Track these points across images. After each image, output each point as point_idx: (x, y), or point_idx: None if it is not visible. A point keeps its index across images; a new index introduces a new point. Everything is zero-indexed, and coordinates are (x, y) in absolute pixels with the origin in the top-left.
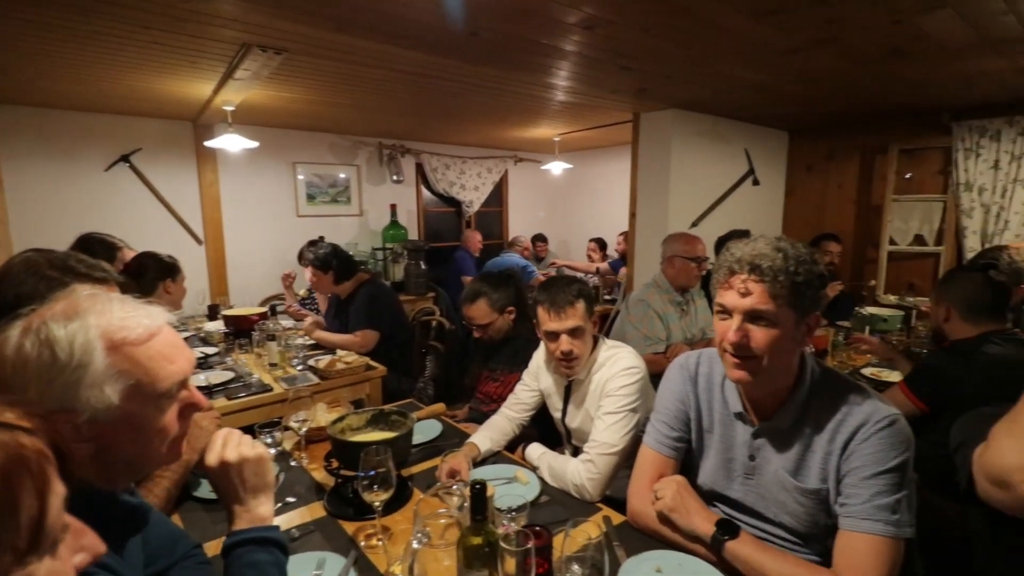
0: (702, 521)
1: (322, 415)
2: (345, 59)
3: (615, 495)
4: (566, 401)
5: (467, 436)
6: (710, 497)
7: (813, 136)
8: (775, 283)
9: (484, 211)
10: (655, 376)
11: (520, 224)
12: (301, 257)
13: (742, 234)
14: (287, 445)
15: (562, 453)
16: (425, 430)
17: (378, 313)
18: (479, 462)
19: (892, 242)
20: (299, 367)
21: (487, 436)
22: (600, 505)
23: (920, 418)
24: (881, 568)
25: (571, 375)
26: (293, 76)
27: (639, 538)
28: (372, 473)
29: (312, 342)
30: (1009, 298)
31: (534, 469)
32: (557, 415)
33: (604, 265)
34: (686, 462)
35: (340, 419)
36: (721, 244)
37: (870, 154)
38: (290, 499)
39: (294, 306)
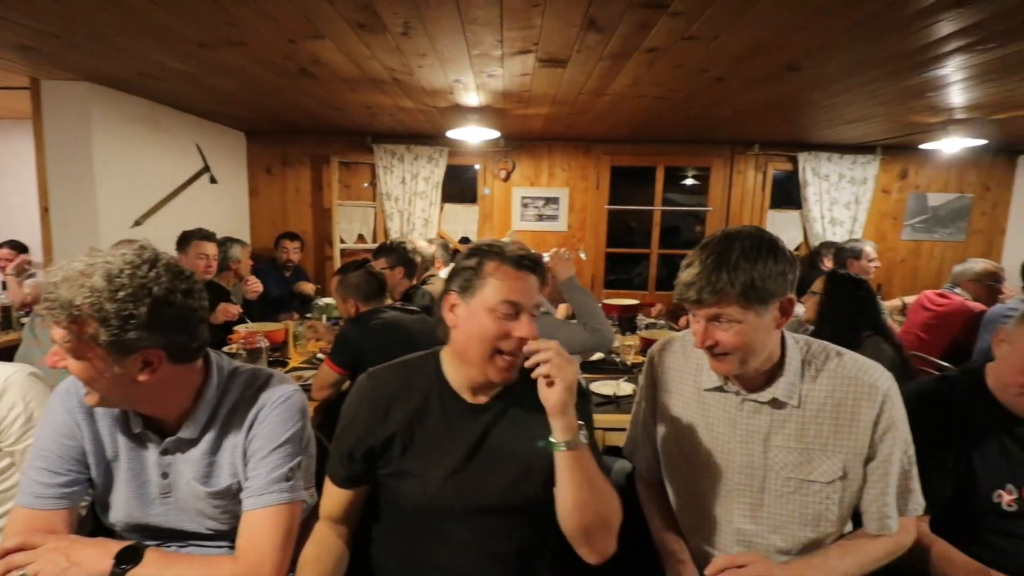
0: (99, 560)
1: None
2: None
3: None
4: None
5: None
6: (128, 530)
7: (270, 141)
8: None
9: None
10: None
11: None
12: None
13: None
14: None
15: None
16: None
17: None
18: None
19: (343, 240)
20: None
21: None
22: None
23: None
24: (276, 534)
25: None
26: None
27: None
28: None
29: None
30: (385, 281)
31: None
32: None
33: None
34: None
35: None
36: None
37: (318, 163)
38: None
39: None
